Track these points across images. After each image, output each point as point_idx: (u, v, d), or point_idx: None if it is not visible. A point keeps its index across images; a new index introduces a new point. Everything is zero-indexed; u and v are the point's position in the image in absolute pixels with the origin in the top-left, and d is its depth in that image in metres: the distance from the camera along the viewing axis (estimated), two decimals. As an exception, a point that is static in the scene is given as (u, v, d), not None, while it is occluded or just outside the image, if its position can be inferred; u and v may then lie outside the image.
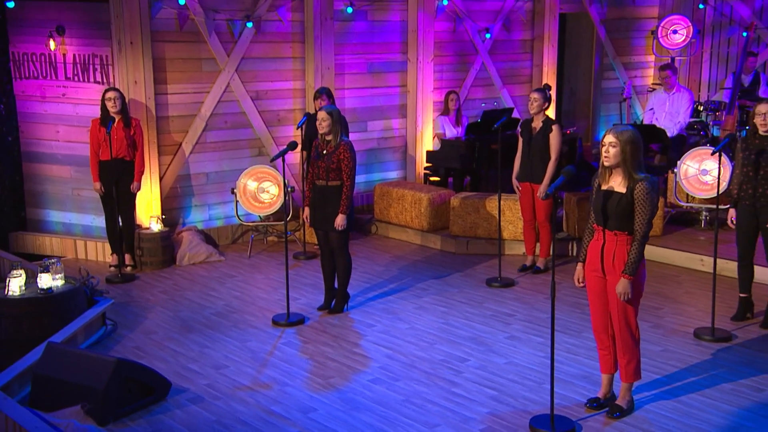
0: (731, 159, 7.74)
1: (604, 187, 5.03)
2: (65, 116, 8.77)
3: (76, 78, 8.63)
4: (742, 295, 6.88)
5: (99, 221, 8.69)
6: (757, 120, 6.48)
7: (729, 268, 7.42)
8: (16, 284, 6.31)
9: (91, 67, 8.54)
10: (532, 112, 7.92)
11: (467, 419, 5.18)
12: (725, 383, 5.68)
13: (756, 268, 6.88)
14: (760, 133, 6.48)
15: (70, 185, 8.91)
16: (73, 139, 8.73)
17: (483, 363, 6.07)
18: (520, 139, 8.10)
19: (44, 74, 8.73)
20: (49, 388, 5.33)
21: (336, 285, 7.17)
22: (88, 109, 8.54)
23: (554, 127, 7.84)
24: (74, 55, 8.58)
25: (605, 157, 4.94)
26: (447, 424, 5.12)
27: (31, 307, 6.25)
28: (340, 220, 6.78)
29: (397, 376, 5.85)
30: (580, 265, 5.21)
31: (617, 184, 4.97)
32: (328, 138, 6.81)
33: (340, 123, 6.85)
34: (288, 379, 5.82)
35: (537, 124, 7.92)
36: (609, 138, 4.92)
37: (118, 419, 5.19)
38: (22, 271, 6.40)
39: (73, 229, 9.02)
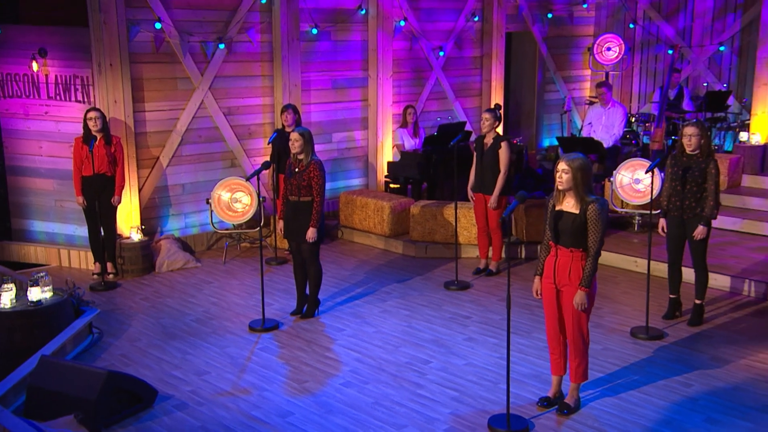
0: (661, 170, 7.95)
1: (558, 208, 5.12)
2: (48, 133, 8.64)
3: (58, 97, 8.49)
4: (671, 296, 7.06)
5: (81, 231, 8.59)
6: (684, 141, 6.65)
7: (660, 268, 7.57)
8: (7, 297, 6.21)
9: (72, 87, 8.41)
10: (483, 130, 8.02)
11: (432, 420, 5.24)
12: (659, 380, 5.83)
13: (684, 269, 7.04)
14: (687, 152, 6.67)
15: (53, 197, 8.78)
16: (55, 154, 8.62)
17: (444, 365, 6.12)
18: (475, 153, 8.20)
19: (27, 93, 8.58)
20: (43, 399, 5.28)
21: (307, 291, 7.19)
22: (70, 126, 8.43)
23: (503, 144, 7.95)
24: (56, 76, 8.44)
25: (559, 181, 5.03)
26: (414, 425, 5.17)
27: (23, 319, 6.14)
28: (311, 233, 6.81)
29: (367, 379, 5.88)
30: (537, 279, 5.30)
31: (570, 205, 5.06)
32: (300, 157, 6.84)
33: (310, 143, 6.89)
34: (266, 384, 5.81)
35: (488, 140, 8.03)
36: (562, 165, 5.01)
37: (108, 427, 5.16)
38: (12, 285, 6.31)
39: (57, 238, 8.89)
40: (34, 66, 8.36)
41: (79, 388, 5.18)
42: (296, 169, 6.87)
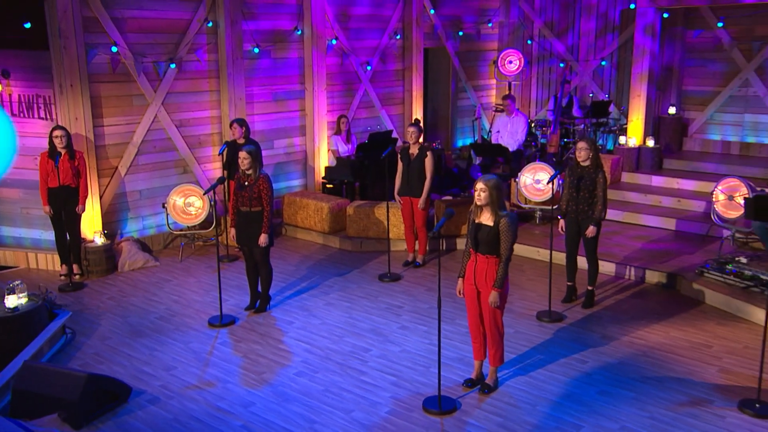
0: (556, 169, 8.20)
1: (477, 221, 5.29)
2: (13, 147, 8.35)
3: (21, 114, 8.19)
4: (568, 283, 7.38)
5: (46, 235, 8.36)
6: (577, 153, 6.98)
7: (559, 257, 7.70)
8: (-15, 306, 6.07)
9: (35, 105, 8.13)
10: (410, 142, 8.16)
11: (375, 404, 5.35)
12: (561, 358, 6.07)
13: (579, 258, 7.33)
14: (580, 163, 7.00)
15: (20, 205, 8.49)
16: (20, 166, 8.31)
17: (383, 352, 6.22)
18: (400, 163, 8.33)
19: (-8, 111, 8.26)
20: (28, 400, 5.19)
21: (259, 288, 7.20)
22: (34, 141, 8.16)
23: (429, 153, 8.10)
24: (19, 95, 8.14)
25: (477, 198, 5.19)
26: (360, 409, 5.28)
27: (1, 325, 5.99)
28: (263, 239, 6.82)
29: (316, 368, 5.95)
30: (460, 280, 5.45)
31: (486, 218, 5.24)
32: (249, 172, 6.83)
33: (258, 159, 6.89)
34: (228, 377, 5.81)
35: (414, 150, 8.16)
36: (480, 185, 5.16)
37: (89, 423, 5.12)
38: (-10, 294, 6.15)
39: (23, 242, 8.61)
40: (-1, 86, 8.07)
41: (61, 390, 5.13)
42: (246, 183, 6.85)
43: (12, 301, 6.12)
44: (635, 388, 5.59)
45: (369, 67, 11.31)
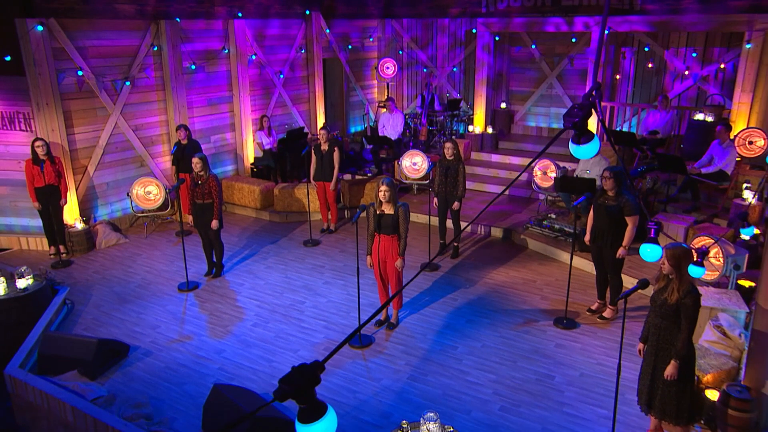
0: (428, 156, 8.72)
1: (379, 212, 5.69)
2: (-3, 153, 7.88)
3: (5, 128, 7.71)
4: (441, 241, 7.98)
5: (34, 222, 8.06)
6: (444, 151, 7.55)
7: (433, 221, 8.07)
8: (1, 287, 5.94)
9: (16, 120, 7.68)
10: (322, 141, 8.45)
11: (314, 344, 5.67)
12: (440, 298, 6.50)
13: (447, 222, 7.93)
14: (447, 157, 7.62)
15: (8, 199, 8.08)
16: (6, 168, 7.92)
17: (314, 303, 6.47)
18: (314, 156, 8.60)
19: (-23, 125, 7.71)
20: (51, 362, 5.27)
21: (214, 258, 7.34)
22: (17, 149, 7.77)
23: (336, 149, 8.40)
24: (2, 112, 7.65)
25: (382, 196, 5.59)
26: (304, 349, 5.60)
27: (16, 303, 5.91)
28: (215, 224, 6.92)
29: (267, 319, 6.13)
30: (368, 257, 5.79)
31: (388, 209, 5.66)
32: (201, 173, 6.87)
33: (207, 163, 6.95)
34: (201, 331, 5.94)
35: (325, 147, 8.44)
36: (384, 187, 5.57)
37: (101, 375, 5.27)
38: (2, 278, 6.00)
39: (14, 228, 8.23)
40: (-21, 104, 7.51)
41: (78, 352, 5.25)
42: (199, 182, 6.89)
43: (22, 283, 6.04)
44: (490, 316, 6.16)
45: (281, 75, 11.30)
